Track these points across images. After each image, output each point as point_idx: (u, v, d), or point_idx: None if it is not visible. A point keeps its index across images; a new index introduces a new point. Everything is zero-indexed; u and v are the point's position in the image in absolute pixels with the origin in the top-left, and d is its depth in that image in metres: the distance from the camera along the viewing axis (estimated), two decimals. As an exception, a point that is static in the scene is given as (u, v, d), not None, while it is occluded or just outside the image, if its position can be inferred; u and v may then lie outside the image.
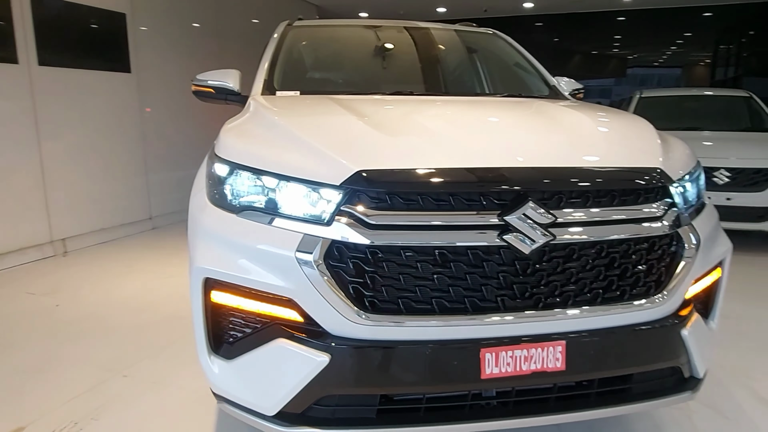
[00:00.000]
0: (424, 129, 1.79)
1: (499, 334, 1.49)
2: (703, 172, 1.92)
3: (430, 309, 1.47)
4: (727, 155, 4.90)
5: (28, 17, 4.33)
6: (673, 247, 1.63)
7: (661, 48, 12.37)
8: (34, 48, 4.39)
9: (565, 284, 1.53)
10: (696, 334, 1.68)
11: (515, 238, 1.45)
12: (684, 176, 1.72)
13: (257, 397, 1.57)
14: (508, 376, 1.50)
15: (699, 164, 1.91)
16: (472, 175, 1.47)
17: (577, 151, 1.64)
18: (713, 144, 5.22)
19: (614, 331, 1.56)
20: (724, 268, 1.92)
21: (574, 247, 1.51)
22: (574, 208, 1.51)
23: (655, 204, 1.58)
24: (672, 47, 12.24)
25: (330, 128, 1.79)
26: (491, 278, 1.48)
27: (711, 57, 11.54)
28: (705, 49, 11.63)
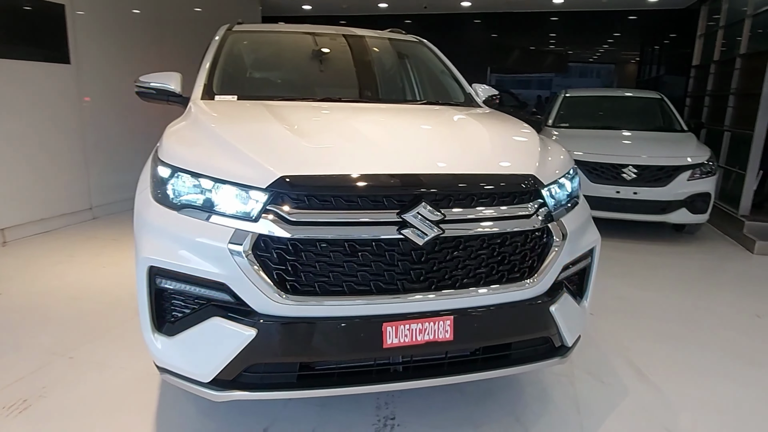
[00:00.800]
0: (341, 137, 2.08)
1: (398, 311, 1.81)
2: (577, 175, 2.30)
3: (341, 291, 1.77)
4: (635, 153, 5.45)
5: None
6: (544, 239, 1.99)
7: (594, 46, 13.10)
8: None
9: (454, 270, 1.86)
10: (564, 310, 2.06)
11: (411, 232, 1.76)
12: (555, 181, 2.08)
13: (195, 367, 1.82)
14: (406, 345, 1.82)
15: (574, 168, 2.29)
16: (376, 180, 1.77)
17: (466, 160, 1.98)
18: (623, 143, 5.77)
19: (494, 308, 1.91)
20: (594, 256, 2.32)
21: (461, 239, 1.85)
22: (460, 208, 1.84)
23: (528, 204, 1.93)
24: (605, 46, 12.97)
25: (260, 136, 2.05)
26: (392, 265, 1.80)
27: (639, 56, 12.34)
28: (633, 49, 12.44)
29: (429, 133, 2.29)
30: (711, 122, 7.53)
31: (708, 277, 4.59)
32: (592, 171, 5.45)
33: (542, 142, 2.33)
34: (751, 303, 3.98)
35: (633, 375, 2.80)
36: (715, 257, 5.21)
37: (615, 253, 5.14)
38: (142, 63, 6.35)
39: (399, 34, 3.71)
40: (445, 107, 2.89)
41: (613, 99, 7.04)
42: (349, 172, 1.78)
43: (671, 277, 4.52)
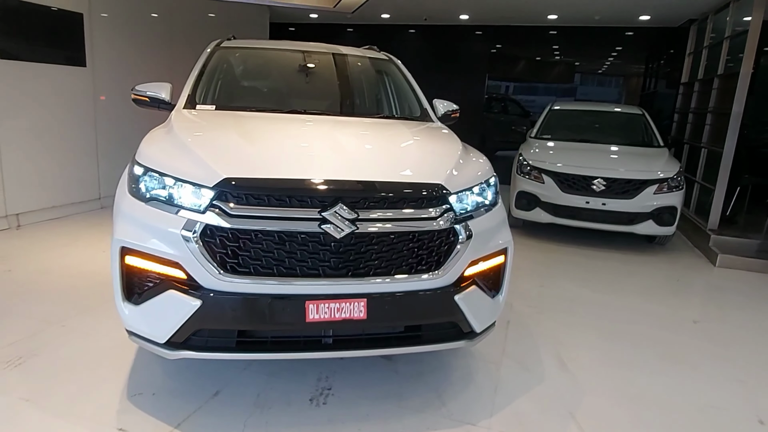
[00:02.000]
0: (284, 146, 2.48)
1: (319, 292, 2.20)
2: (494, 184, 2.66)
3: (271, 272, 2.17)
4: (605, 166, 5.76)
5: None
6: (450, 238, 2.36)
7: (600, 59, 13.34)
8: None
9: (367, 260, 2.24)
10: (471, 300, 2.43)
11: (330, 227, 2.15)
12: (467, 189, 2.45)
13: (154, 329, 2.23)
14: (325, 321, 2.21)
15: (490, 178, 2.65)
16: (302, 184, 2.16)
17: (384, 169, 2.36)
18: (595, 156, 6.07)
19: (403, 294, 2.29)
20: (508, 256, 2.67)
21: (373, 235, 2.23)
22: (373, 209, 2.22)
23: (434, 209, 2.31)
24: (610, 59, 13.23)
25: (216, 142, 2.46)
26: (314, 254, 2.19)
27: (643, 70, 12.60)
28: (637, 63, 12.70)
29: (361, 145, 2.68)
30: (692, 138, 7.78)
31: (665, 285, 4.89)
32: (564, 181, 5.78)
33: (464, 154, 2.70)
34: (694, 309, 4.29)
35: (556, 365, 3.15)
36: (679, 267, 5.49)
37: (581, 259, 5.47)
38: (153, 66, 6.85)
39: (371, 52, 4.10)
40: (394, 122, 3.28)
41: (596, 113, 7.33)
42: (281, 176, 2.18)
43: (630, 283, 4.83)
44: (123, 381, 2.66)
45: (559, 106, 7.38)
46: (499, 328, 3.54)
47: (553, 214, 5.88)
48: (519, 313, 3.90)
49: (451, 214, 2.35)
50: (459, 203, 2.41)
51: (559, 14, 9.08)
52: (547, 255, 5.56)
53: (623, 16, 8.97)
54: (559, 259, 5.45)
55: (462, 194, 2.43)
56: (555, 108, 7.35)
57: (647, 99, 11.27)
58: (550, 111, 7.31)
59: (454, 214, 2.36)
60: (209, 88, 3.42)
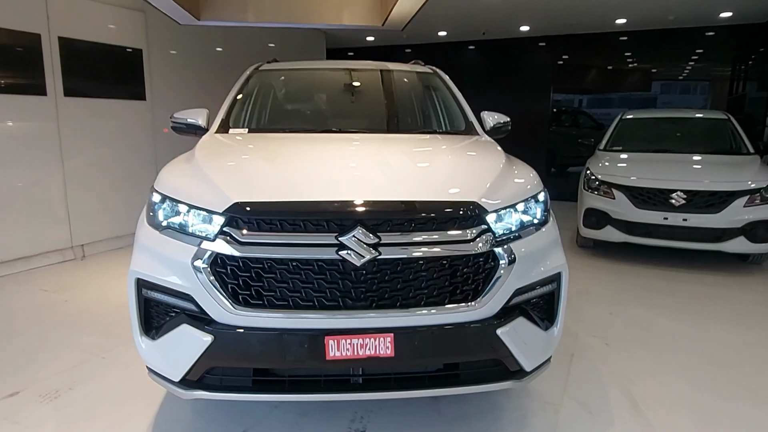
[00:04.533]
0: (307, 166, 2.30)
1: (340, 326, 1.98)
2: (542, 201, 2.34)
3: (287, 305, 1.97)
4: (685, 178, 5.18)
5: (56, 55, 5.08)
6: (489, 263, 2.07)
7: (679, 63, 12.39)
8: (60, 81, 5.14)
9: (393, 290, 2.00)
10: (518, 334, 2.12)
11: (348, 254, 1.93)
12: (506, 207, 2.15)
13: (169, 366, 2.10)
14: (348, 359, 1.98)
15: (539, 194, 2.34)
16: (318, 207, 1.97)
17: (412, 187, 2.11)
18: (673, 166, 5.49)
19: (436, 328, 2.02)
20: (561, 282, 2.34)
21: (398, 261, 1.99)
22: (397, 232, 1.98)
23: (468, 230, 2.03)
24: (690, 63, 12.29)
25: (233, 166, 2.33)
26: (334, 283, 1.97)
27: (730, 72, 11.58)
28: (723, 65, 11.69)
29: (391, 163, 2.45)
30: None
31: (759, 312, 4.24)
32: (638, 196, 5.25)
33: (507, 168, 2.41)
34: (799, 341, 3.66)
35: (626, 408, 2.72)
36: (779, 291, 4.79)
37: (659, 282, 4.90)
38: (210, 97, 7.03)
39: (415, 66, 3.91)
40: (434, 137, 3.03)
41: (674, 121, 6.70)
42: (294, 199, 1.99)
43: (716, 310, 4.24)
44: (150, 419, 2.55)
45: (631, 115, 6.82)
46: (560, 362, 3.15)
47: (626, 233, 5.35)
48: (584, 345, 3.47)
49: (490, 235, 2.06)
50: (499, 223, 2.12)
51: (627, 18, 8.50)
52: (620, 277, 5.03)
53: (701, 15, 8.25)
54: (633, 282, 4.90)
55: (503, 213, 2.14)
56: (627, 117, 6.80)
57: (736, 103, 10.29)
58: (621, 121, 6.77)
59: (492, 235, 2.07)
60: (246, 111, 3.35)
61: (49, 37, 5.02)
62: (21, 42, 4.81)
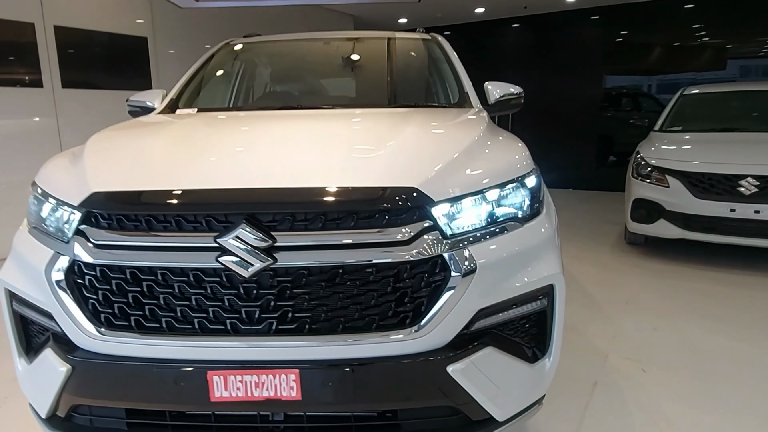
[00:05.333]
0: (215, 149, 1.78)
1: (228, 357, 1.47)
2: (531, 187, 1.72)
3: (160, 328, 1.48)
4: (757, 161, 4.28)
5: (52, 45, 4.87)
6: (436, 275, 1.49)
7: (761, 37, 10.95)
8: (57, 73, 4.93)
9: (299, 311, 1.47)
10: (481, 371, 1.53)
11: (232, 261, 1.42)
12: (465, 196, 1.56)
13: (36, 399, 1.67)
14: (240, 401, 1.47)
15: (526, 176, 1.72)
16: (194, 197, 1.46)
17: (334, 172, 1.56)
18: (742, 148, 4.58)
19: (359, 363, 1.47)
20: (555, 297, 1.72)
21: (304, 272, 1.45)
22: (300, 231, 1.44)
23: (404, 228, 1.46)
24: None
25: (120, 150, 1.84)
26: (217, 301, 1.47)
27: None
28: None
29: (328, 143, 1.88)
30: None
31: None
32: (697, 183, 4.41)
33: (477, 145, 1.81)
34: None
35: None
36: None
37: (718, 288, 4.05)
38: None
39: (410, 33, 3.32)
40: (411, 111, 2.44)
41: (746, 95, 5.68)
42: (165, 187, 1.49)
43: (794, 324, 3.40)
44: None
45: (695, 90, 5.87)
46: (576, 393, 2.50)
47: (683, 227, 4.52)
48: (614, 369, 2.78)
49: (436, 235, 1.48)
50: (454, 218, 1.54)
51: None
52: (669, 282, 4.20)
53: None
54: (688, 287, 4.08)
55: (460, 203, 1.55)
56: (689, 92, 5.86)
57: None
58: (682, 97, 5.84)
59: (441, 235, 1.49)
60: (204, 89, 2.90)
61: (43, 26, 4.81)
62: (14, 32, 4.62)
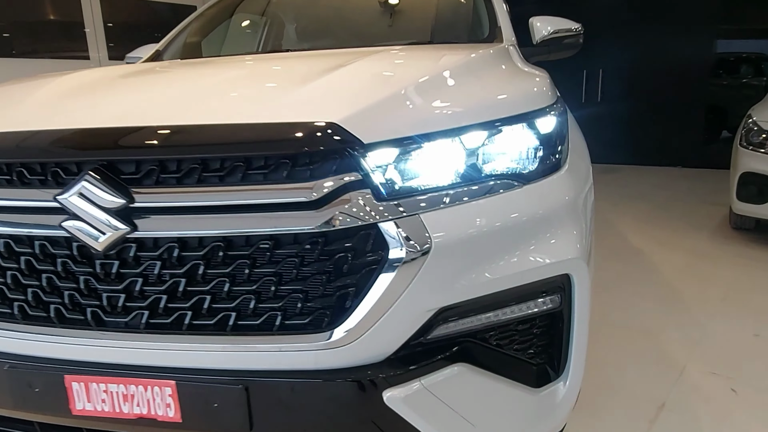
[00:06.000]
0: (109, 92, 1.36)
1: (88, 358, 1.09)
2: (534, 131, 1.16)
3: (9, 313, 1.13)
4: None
5: (98, 18, 4.80)
6: (367, 254, 1.00)
7: None
8: (104, 45, 4.87)
9: (173, 300, 1.04)
10: (436, 400, 1.04)
11: (78, 227, 1.02)
12: (422, 138, 1.04)
13: None
14: (105, 418, 1.09)
15: (523, 118, 1.16)
16: (37, 140, 1.06)
17: (219, 107, 1.10)
18: None
19: (254, 377, 1.02)
20: (574, 293, 1.16)
21: (175, 245, 1.02)
22: (168, 188, 1.00)
23: (315, 183, 0.97)
24: None
25: (27, 91, 1.46)
26: (71, 281, 1.08)
27: None
28: None
29: (247, 81, 1.38)
30: None
31: None
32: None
33: (458, 75, 1.27)
34: None
35: None
36: None
37: None
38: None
39: None
40: (412, 48, 1.88)
41: None
42: (11, 129, 1.11)
43: None
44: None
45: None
46: (632, 420, 1.88)
47: (806, 209, 3.58)
48: (692, 387, 2.10)
49: (365, 195, 0.99)
50: (396, 171, 1.03)
51: None
52: (789, 276, 3.31)
53: None
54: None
55: (410, 148, 1.04)
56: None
57: None
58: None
59: (373, 195, 0.99)
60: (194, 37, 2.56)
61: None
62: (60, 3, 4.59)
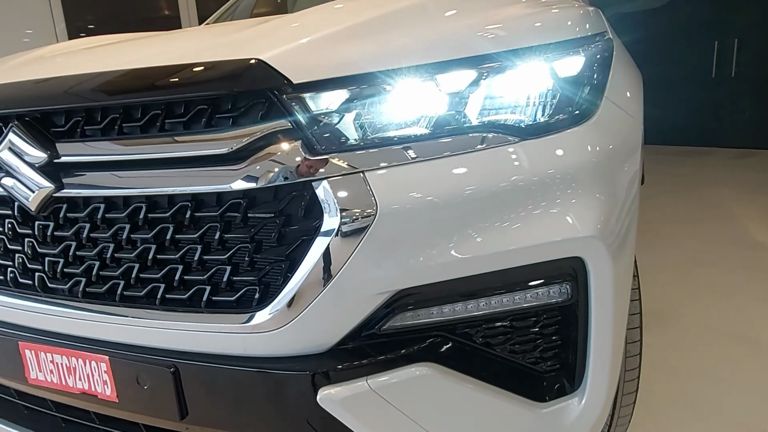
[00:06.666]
0: (97, 49, 1.28)
1: (36, 325, 1.04)
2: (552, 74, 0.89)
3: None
4: None
5: (193, 12, 5.05)
6: (299, 219, 0.81)
7: None
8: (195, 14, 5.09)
9: (105, 267, 0.94)
10: (390, 408, 0.83)
11: (13, 184, 0.95)
12: (362, 76, 0.81)
13: None
14: (55, 388, 1.03)
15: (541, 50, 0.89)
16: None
17: (153, 53, 0.95)
18: None
19: (183, 359, 0.89)
20: (590, 282, 0.89)
21: (99, 205, 0.91)
22: (90, 140, 0.89)
23: (237, 131, 0.80)
24: None
25: (43, 53, 1.45)
26: (16, 242, 1.02)
27: None
28: None
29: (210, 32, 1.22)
30: None
31: None
32: None
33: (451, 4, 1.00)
34: None
35: None
36: None
37: None
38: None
39: None
40: None
41: None
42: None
43: None
44: None
45: None
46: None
47: None
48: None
49: (296, 147, 0.79)
50: (336, 117, 0.82)
51: None
52: None
53: None
54: None
55: (356, 91, 0.83)
56: None
57: None
58: None
59: (305, 146, 0.79)
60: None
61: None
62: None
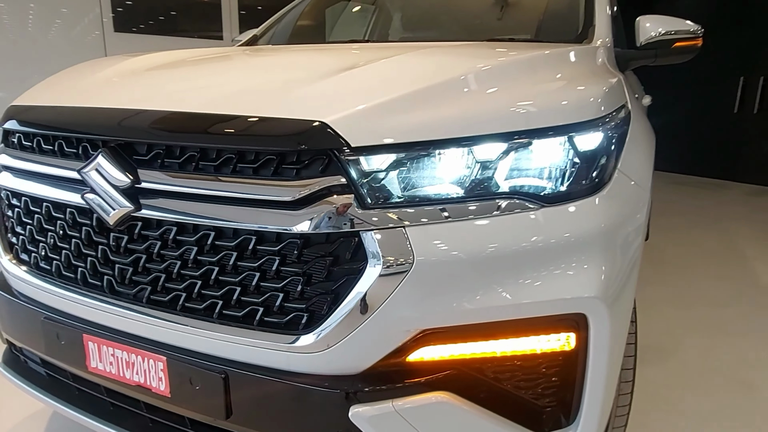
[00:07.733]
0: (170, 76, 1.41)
1: (102, 321, 1.18)
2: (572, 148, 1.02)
3: (50, 270, 1.26)
4: None
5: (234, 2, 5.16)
6: (346, 262, 0.95)
7: None
8: (237, 27, 5.21)
9: (170, 280, 1.08)
10: (409, 427, 0.96)
11: (97, 201, 1.09)
12: (408, 145, 0.94)
13: None
14: (113, 378, 1.18)
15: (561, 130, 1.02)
16: (69, 115, 1.16)
17: (229, 98, 1.07)
18: None
19: (233, 367, 1.03)
20: (590, 335, 1.01)
21: (171, 227, 1.05)
22: (169, 172, 1.03)
23: (299, 182, 0.94)
24: None
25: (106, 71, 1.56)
26: (91, 248, 1.17)
27: None
28: None
29: (278, 72, 1.34)
30: None
31: None
32: None
33: (490, 77, 1.12)
34: None
35: None
36: None
37: None
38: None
39: None
40: (467, 45, 1.68)
41: None
42: (62, 104, 1.22)
43: None
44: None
45: None
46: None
47: None
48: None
49: (348, 200, 0.93)
50: (387, 178, 0.95)
51: None
52: None
53: None
54: None
55: (405, 155, 0.96)
56: None
57: None
58: None
59: (357, 201, 0.93)
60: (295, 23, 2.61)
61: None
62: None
